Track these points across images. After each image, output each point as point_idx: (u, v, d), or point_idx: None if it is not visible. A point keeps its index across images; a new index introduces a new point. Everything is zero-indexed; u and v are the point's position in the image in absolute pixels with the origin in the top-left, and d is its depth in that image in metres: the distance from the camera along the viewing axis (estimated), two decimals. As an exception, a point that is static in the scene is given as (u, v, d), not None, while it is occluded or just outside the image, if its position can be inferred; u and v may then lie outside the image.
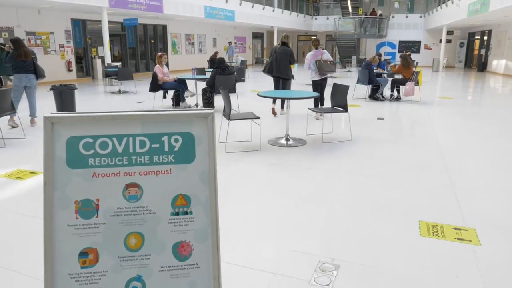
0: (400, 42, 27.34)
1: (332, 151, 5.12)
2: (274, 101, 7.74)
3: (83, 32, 15.15)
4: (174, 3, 15.24)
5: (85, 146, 1.36)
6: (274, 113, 7.57)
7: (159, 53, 8.36)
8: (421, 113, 8.09)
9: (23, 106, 6.65)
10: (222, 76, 7.62)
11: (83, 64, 15.43)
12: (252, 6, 20.84)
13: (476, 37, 23.91)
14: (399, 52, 26.04)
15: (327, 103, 6.82)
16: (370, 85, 9.79)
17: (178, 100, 8.40)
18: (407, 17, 26.99)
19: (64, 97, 7.43)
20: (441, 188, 3.79)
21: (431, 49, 26.73)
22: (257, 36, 28.28)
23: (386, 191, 3.74)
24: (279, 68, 7.26)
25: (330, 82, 7.48)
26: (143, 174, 1.39)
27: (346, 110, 5.61)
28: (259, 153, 4.96)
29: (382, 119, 7.47)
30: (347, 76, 17.29)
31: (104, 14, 13.04)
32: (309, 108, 6.34)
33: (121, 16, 15.41)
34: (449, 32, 23.66)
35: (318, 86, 7.57)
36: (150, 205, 1.39)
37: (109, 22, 13.65)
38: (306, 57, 7.52)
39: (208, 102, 8.00)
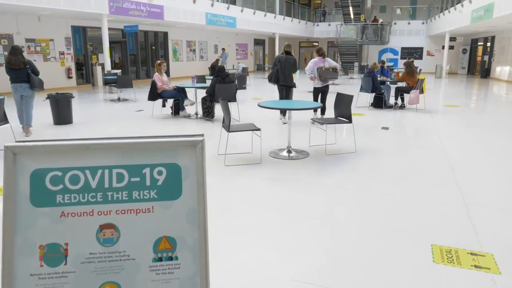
0: (403, 48, 27.21)
1: (336, 164, 4.91)
2: (281, 112, 7.72)
3: (84, 39, 15.05)
4: (175, 10, 15.13)
5: (52, 180, 1.16)
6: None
7: (158, 61, 8.21)
8: (426, 122, 7.89)
9: (17, 115, 6.48)
10: (222, 85, 7.45)
11: (83, 71, 15.30)
12: (254, 13, 20.76)
13: (479, 43, 23.75)
14: (401, 58, 25.91)
15: (330, 112, 6.61)
16: (374, 93, 9.59)
17: (177, 109, 8.23)
18: (409, 23, 26.88)
19: (61, 105, 7.30)
20: (452, 206, 3.57)
21: (433, 55, 26.57)
22: (258, 42, 28.21)
23: (394, 209, 3.52)
24: (285, 77, 7.31)
25: (333, 90, 7.31)
26: (121, 213, 1.19)
27: (350, 121, 5.41)
28: (260, 166, 4.75)
29: (387, 128, 7.26)
30: (350, 83, 17.11)
31: (104, 21, 12.93)
32: (311, 119, 6.15)
33: (121, 23, 15.31)
34: (452, 39, 23.49)
35: (320, 93, 7.49)
36: (129, 249, 1.19)
37: (110, 29, 13.54)
38: (310, 61, 7.51)
39: (208, 111, 7.82)
